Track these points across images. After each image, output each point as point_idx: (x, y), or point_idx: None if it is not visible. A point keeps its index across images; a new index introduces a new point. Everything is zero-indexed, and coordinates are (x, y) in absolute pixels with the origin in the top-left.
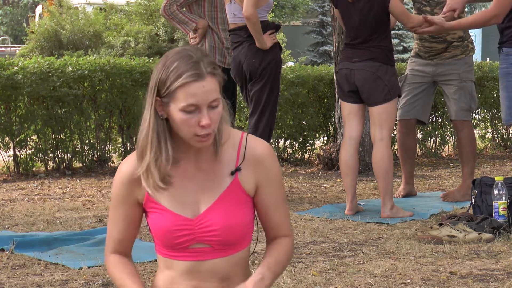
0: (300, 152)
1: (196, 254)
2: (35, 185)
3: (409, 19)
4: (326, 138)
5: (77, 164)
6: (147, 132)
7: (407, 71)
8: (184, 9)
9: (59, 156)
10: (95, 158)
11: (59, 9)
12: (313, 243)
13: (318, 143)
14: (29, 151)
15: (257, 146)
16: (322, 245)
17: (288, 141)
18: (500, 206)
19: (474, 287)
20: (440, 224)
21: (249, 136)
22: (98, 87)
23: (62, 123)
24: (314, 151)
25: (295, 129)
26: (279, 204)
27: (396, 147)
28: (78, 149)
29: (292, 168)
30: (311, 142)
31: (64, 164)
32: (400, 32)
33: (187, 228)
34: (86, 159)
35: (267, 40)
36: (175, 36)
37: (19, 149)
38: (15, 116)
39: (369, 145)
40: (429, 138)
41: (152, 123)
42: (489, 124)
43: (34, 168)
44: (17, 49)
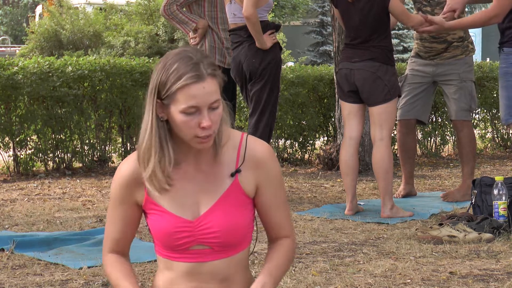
0: (300, 152)
1: (196, 255)
2: (35, 185)
3: (409, 18)
4: (326, 138)
5: (77, 164)
6: (150, 136)
7: (407, 71)
8: (184, 9)
9: (59, 156)
10: (95, 158)
11: (59, 9)
12: (313, 243)
13: (318, 143)
14: (29, 151)
15: (257, 147)
16: (322, 245)
17: (288, 141)
18: (500, 206)
19: (474, 287)
20: (440, 224)
21: (249, 137)
22: (98, 87)
23: (62, 123)
24: (314, 151)
25: (295, 129)
26: (280, 205)
27: (396, 147)
28: (78, 149)
29: (292, 168)
30: (311, 142)
31: (64, 164)
32: (400, 32)
33: (187, 230)
34: (86, 159)
35: (267, 40)
36: (175, 36)
37: (19, 149)
38: (15, 116)
39: (369, 145)
40: (429, 138)
41: (154, 126)
42: (489, 124)
43: (34, 168)
44: (17, 49)
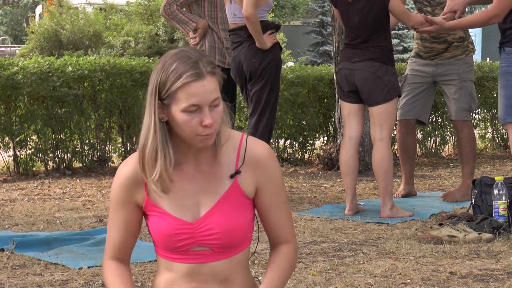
0: (300, 152)
1: (197, 256)
2: (35, 185)
3: (409, 18)
4: (326, 138)
5: (77, 164)
6: (154, 137)
7: (407, 71)
8: (184, 9)
9: (59, 156)
10: (95, 158)
11: (59, 9)
12: (313, 243)
13: (318, 143)
14: (29, 151)
15: (257, 148)
16: (322, 245)
17: (288, 141)
18: (500, 206)
19: (474, 287)
20: (440, 224)
21: (249, 138)
22: (98, 87)
23: (62, 123)
24: (314, 151)
25: (295, 129)
26: (280, 206)
27: (396, 147)
28: (78, 149)
29: (292, 168)
30: (311, 142)
31: (64, 164)
32: (400, 32)
33: (187, 232)
34: (86, 159)
35: (267, 40)
36: (175, 36)
37: (19, 149)
38: (15, 116)
39: (369, 145)
40: (429, 138)
41: (158, 128)
42: (489, 124)
43: (34, 168)
44: (17, 49)
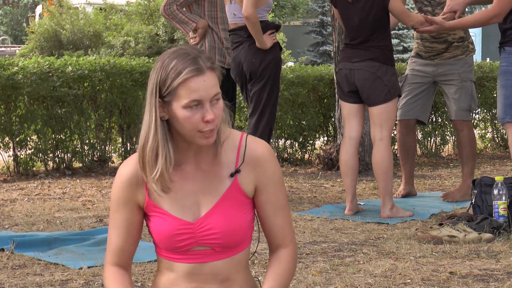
0: (300, 152)
1: (197, 256)
2: (35, 185)
3: (409, 18)
4: (326, 138)
5: (77, 164)
6: (155, 136)
7: (407, 71)
8: (184, 9)
9: (59, 156)
10: (95, 158)
11: (59, 9)
12: (313, 243)
13: (318, 143)
14: (29, 151)
15: (257, 147)
16: (322, 245)
17: (288, 141)
18: (500, 206)
19: (474, 287)
20: (440, 224)
21: (249, 137)
22: (98, 87)
23: (62, 123)
24: (314, 151)
25: (295, 129)
26: (280, 206)
27: (396, 147)
28: (78, 149)
29: (292, 168)
30: (311, 142)
31: (64, 164)
32: (400, 32)
33: (188, 232)
34: (86, 159)
35: (267, 40)
36: (175, 36)
37: (19, 149)
38: (15, 116)
39: (369, 145)
40: (429, 138)
41: (158, 126)
42: (489, 124)
43: (34, 168)
44: (17, 49)
